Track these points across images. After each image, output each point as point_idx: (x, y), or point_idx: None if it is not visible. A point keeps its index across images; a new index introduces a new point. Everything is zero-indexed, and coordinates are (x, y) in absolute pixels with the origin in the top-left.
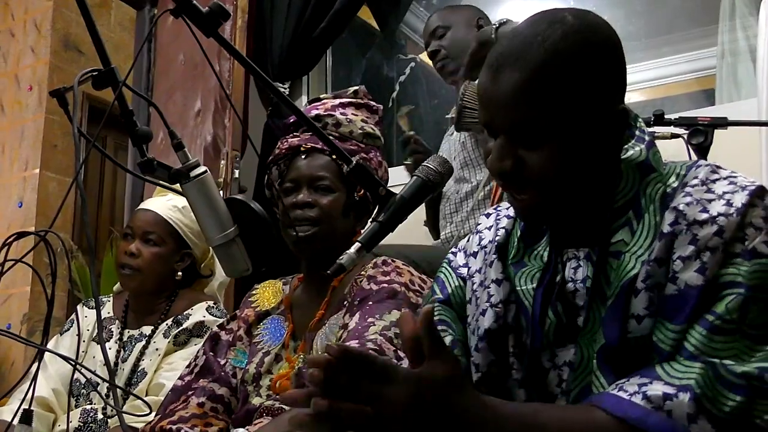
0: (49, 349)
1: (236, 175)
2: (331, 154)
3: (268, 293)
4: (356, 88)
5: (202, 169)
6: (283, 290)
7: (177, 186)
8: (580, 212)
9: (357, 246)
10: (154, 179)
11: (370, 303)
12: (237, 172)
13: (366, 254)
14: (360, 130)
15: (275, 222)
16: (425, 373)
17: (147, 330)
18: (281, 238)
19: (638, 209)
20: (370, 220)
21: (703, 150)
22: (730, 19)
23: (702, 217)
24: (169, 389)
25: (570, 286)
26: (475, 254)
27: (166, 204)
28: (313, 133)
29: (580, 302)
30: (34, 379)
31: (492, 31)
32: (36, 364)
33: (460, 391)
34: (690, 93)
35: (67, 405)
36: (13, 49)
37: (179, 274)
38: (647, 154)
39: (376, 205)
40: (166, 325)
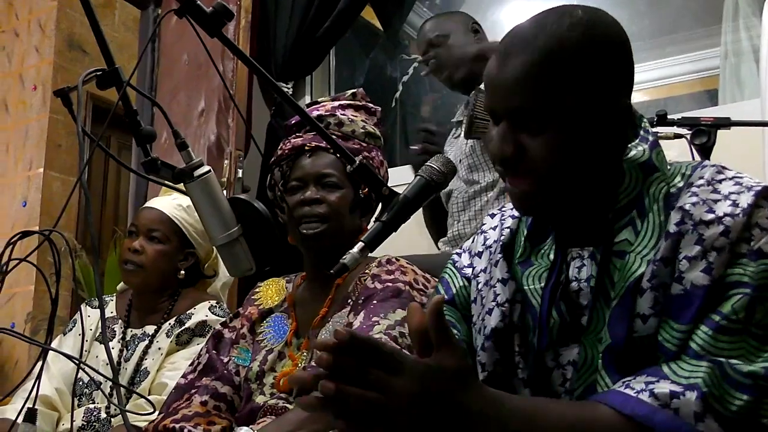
0: (53, 348)
1: (240, 175)
2: (335, 153)
3: (271, 291)
4: (354, 90)
5: (206, 168)
6: (287, 288)
7: (181, 185)
8: (582, 211)
9: (360, 245)
10: (158, 179)
11: (375, 302)
12: (240, 171)
13: (369, 253)
14: (362, 130)
15: (278, 222)
16: (433, 365)
17: (150, 329)
18: (284, 238)
19: (642, 209)
20: (373, 219)
21: (706, 150)
22: (733, 20)
23: (708, 217)
24: (172, 388)
25: (574, 286)
26: (480, 254)
27: (172, 203)
28: (316, 132)
29: (583, 302)
30: (38, 378)
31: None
32: (40, 363)
33: (467, 384)
34: (693, 93)
35: (71, 404)
36: (17, 48)
37: (182, 272)
38: (650, 154)
39: (379, 204)
40: (169, 324)
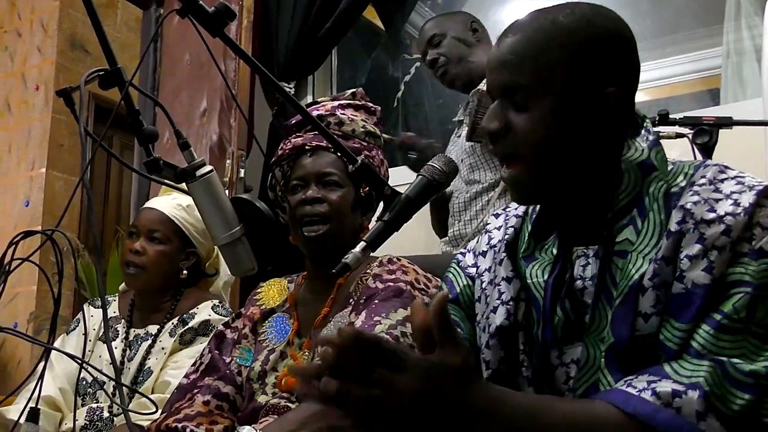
0: (56, 347)
1: (242, 175)
2: (336, 152)
3: (273, 291)
4: (354, 90)
5: (208, 168)
6: (288, 288)
7: (183, 185)
8: (581, 210)
9: (362, 245)
10: (160, 178)
11: (376, 301)
12: (242, 171)
13: (371, 253)
14: (362, 129)
15: (280, 222)
16: (436, 362)
17: (153, 329)
18: (286, 238)
19: (642, 208)
20: (375, 219)
21: (707, 150)
22: (735, 19)
23: (709, 216)
24: (175, 387)
25: (579, 284)
26: (484, 253)
27: (171, 203)
28: (318, 131)
29: (588, 300)
30: (41, 378)
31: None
32: (43, 363)
33: (470, 382)
34: (695, 93)
35: (74, 404)
36: (19, 48)
37: (184, 272)
38: (649, 154)
39: (380, 202)
40: (172, 324)
